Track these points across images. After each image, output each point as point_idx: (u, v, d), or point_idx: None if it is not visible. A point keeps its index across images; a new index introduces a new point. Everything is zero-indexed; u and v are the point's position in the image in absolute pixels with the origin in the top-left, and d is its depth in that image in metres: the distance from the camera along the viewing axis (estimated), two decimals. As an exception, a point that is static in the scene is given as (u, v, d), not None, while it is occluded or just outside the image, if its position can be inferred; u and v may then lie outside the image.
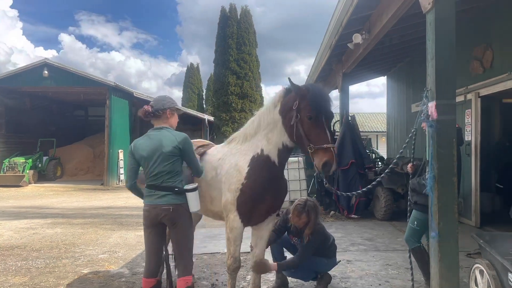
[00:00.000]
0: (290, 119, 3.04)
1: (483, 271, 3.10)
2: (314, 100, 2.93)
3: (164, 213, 2.97)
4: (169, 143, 3.01)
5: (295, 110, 3.00)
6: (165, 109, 3.13)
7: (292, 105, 3.05)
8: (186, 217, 3.05)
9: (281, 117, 3.17)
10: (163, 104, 3.14)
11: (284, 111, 3.14)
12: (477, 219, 7.21)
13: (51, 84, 18.14)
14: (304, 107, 2.95)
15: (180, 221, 3.00)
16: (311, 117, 2.92)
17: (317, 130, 2.91)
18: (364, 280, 4.45)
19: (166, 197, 2.98)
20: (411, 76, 10.86)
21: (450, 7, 3.40)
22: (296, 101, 3.01)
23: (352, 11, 6.22)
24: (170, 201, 2.97)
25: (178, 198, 3.00)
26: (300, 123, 2.96)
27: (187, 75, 44.30)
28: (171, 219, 2.98)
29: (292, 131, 3.04)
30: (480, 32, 7.15)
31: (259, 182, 3.17)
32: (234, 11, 28.94)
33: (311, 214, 3.75)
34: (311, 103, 2.92)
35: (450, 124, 3.37)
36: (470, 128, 7.33)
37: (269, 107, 3.31)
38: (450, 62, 3.40)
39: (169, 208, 2.96)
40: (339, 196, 8.80)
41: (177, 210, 2.98)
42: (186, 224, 3.05)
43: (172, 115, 3.20)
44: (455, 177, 3.35)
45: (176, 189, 2.99)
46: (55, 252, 5.88)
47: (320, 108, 2.94)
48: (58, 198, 13.37)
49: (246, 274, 4.57)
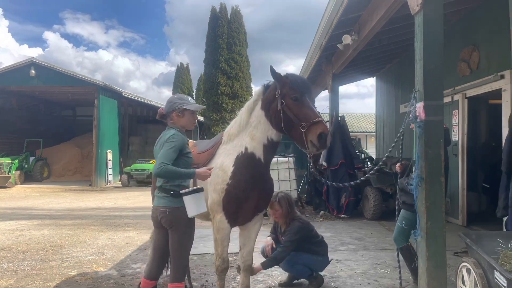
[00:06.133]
0: (275, 108, 3.11)
1: (470, 269, 3.15)
2: (296, 82, 3.06)
3: (161, 215, 2.93)
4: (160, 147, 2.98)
5: (278, 97, 3.08)
6: (171, 112, 3.07)
7: (274, 95, 3.13)
8: (183, 222, 2.92)
9: (264, 111, 3.22)
10: (170, 106, 3.08)
11: (267, 104, 3.20)
12: (464, 218, 7.31)
13: (38, 84, 17.88)
14: (287, 91, 3.05)
15: (176, 225, 2.93)
16: (297, 97, 3.02)
17: (305, 109, 2.99)
18: (353, 280, 4.48)
19: (164, 199, 2.94)
20: (400, 77, 10.98)
21: (438, 9, 3.45)
22: (278, 90, 3.10)
23: (342, 12, 6.26)
24: (167, 204, 2.92)
25: (174, 201, 2.92)
26: (287, 107, 3.03)
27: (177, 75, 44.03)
28: (168, 222, 2.93)
29: (280, 119, 3.08)
30: (467, 34, 7.26)
31: (244, 181, 3.17)
32: (224, 11, 28.87)
33: (282, 202, 3.93)
34: (293, 85, 3.04)
35: (437, 124, 3.41)
36: (457, 128, 7.44)
37: (250, 104, 3.36)
38: (438, 63, 3.44)
39: (165, 211, 2.91)
40: (329, 196, 8.86)
41: (173, 214, 2.91)
42: (181, 229, 2.94)
43: (181, 116, 3.07)
44: (442, 177, 3.39)
45: (172, 192, 2.92)
46: (42, 254, 5.79)
47: (303, 87, 3.07)
48: (45, 199, 13.16)
49: (236, 275, 4.56)
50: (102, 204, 11.86)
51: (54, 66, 18.18)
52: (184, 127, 3.12)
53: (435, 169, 3.38)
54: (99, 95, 17.99)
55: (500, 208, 4.99)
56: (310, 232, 4.14)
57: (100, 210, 10.62)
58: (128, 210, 10.43)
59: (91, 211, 10.39)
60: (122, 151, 20.89)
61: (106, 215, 9.58)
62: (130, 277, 4.67)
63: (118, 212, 10.17)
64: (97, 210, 10.50)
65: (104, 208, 11.08)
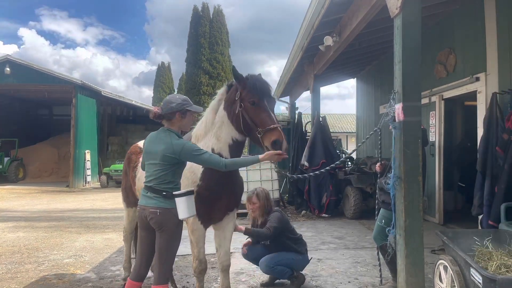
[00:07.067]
0: (234, 111, 3.09)
1: (447, 266, 3.22)
2: (254, 86, 3.01)
3: (151, 215, 2.84)
4: (162, 150, 2.85)
5: (238, 100, 3.07)
6: (174, 113, 2.96)
7: (234, 97, 3.11)
8: (173, 223, 2.87)
9: (226, 112, 3.21)
10: (171, 107, 2.96)
11: (228, 105, 3.19)
12: (440, 216, 7.49)
13: (13, 82, 17.34)
14: (246, 94, 3.02)
15: (166, 227, 2.85)
16: (254, 102, 2.99)
17: (261, 114, 2.97)
18: (334, 278, 4.53)
19: (155, 199, 2.86)
20: (379, 78, 11.17)
21: (416, 12, 3.53)
22: (238, 92, 3.08)
23: (323, 14, 6.32)
24: (158, 204, 2.85)
25: (166, 202, 2.85)
26: (245, 111, 3.01)
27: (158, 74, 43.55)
28: (157, 223, 2.85)
29: (239, 122, 3.07)
30: (444, 37, 7.45)
31: (214, 181, 3.16)
32: (206, 11, 28.74)
33: (260, 195, 4.09)
34: (251, 89, 3.00)
35: (416, 125, 3.49)
36: (434, 129, 7.62)
37: (214, 105, 3.34)
38: (416, 65, 3.52)
39: (156, 211, 2.83)
40: (310, 196, 8.93)
41: (164, 215, 2.83)
42: (171, 231, 2.88)
43: (183, 118, 3.00)
44: (420, 176, 3.47)
45: (164, 193, 2.85)
46: (17, 257, 5.61)
47: (261, 92, 3.01)
48: (20, 201, 12.77)
49: (217, 276, 4.53)
50: (80, 206, 11.60)
51: (30, 64, 17.66)
52: (182, 128, 3.07)
53: (413, 169, 3.45)
54: (77, 94, 17.58)
55: (476, 206, 5.15)
56: (289, 226, 4.24)
57: (78, 211, 10.38)
58: (107, 212, 10.22)
59: (69, 212, 10.14)
60: (101, 151, 20.46)
61: (84, 217, 9.37)
62: (109, 280, 4.58)
63: (97, 213, 9.97)
64: (75, 212, 10.26)
65: (82, 209, 10.83)
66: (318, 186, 8.80)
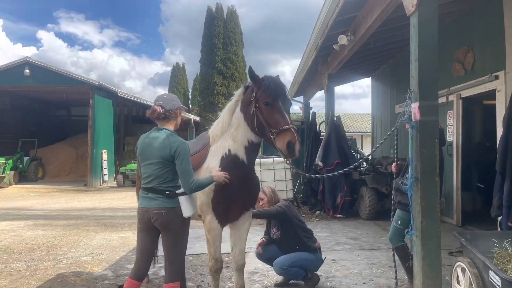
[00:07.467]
0: (250, 111, 3.11)
1: (465, 269, 3.16)
2: (269, 86, 3.03)
3: (156, 216, 2.87)
4: (160, 148, 2.88)
5: (253, 101, 3.08)
6: (175, 110, 3.03)
7: (250, 98, 3.13)
8: (179, 222, 2.92)
9: (243, 113, 3.23)
10: (174, 104, 3.02)
11: (244, 106, 3.21)
12: (458, 218, 7.35)
13: (33, 83, 17.75)
14: (261, 95, 3.04)
15: (172, 226, 2.90)
16: (268, 102, 3.00)
17: (275, 115, 2.97)
18: (349, 279, 4.49)
19: (157, 200, 2.89)
20: (395, 77, 11.02)
21: (433, 10, 3.47)
22: (254, 93, 3.10)
23: (337, 13, 6.28)
24: (162, 205, 2.88)
25: (170, 201, 2.89)
26: (260, 112, 3.03)
27: (173, 74, 43.91)
28: (163, 223, 2.88)
29: (254, 123, 3.09)
30: (462, 35, 7.30)
31: (231, 181, 3.17)
32: (220, 11, 28.86)
33: (266, 190, 4.23)
34: (266, 90, 3.02)
35: (432, 124, 3.43)
36: (452, 129, 7.48)
37: (231, 106, 3.37)
38: (433, 64, 3.46)
39: (160, 212, 2.86)
40: (324, 196, 8.88)
41: (169, 214, 2.87)
42: (178, 229, 2.93)
43: (180, 114, 3.12)
44: (437, 177, 3.41)
45: (167, 193, 2.89)
46: (37, 255, 5.75)
47: (276, 93, 3.02)
48: (39, 199, 13.08)
49: (232, 275, 4.55)
50: (97, 205, 11.81)
51: (48, 66, 18.06)
52: (177, 125, 3.13)
53: (430, 169, 3.39)
54: (94, 94, 17.89)
55: (495, 207, 5.02)
56: (296, 214, 4.29)
57: (95, 210, 10.57)
58: (123, 211, 10.38)
59: (86, 211, 10.34)
60: (118, 151, 20.78)
61: (101, 216, 9.53)
62: (126, 277, 4.64)
63: (113, 212, 10.13)
64: (92, 211, 10.45)
65: (99, 208, 11.02)
66: (333, 186, 8.74)
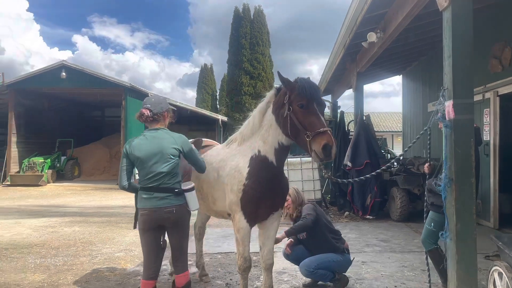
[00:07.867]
0: (283, 114, 3.09)
1: (502, 273, 3.05)
2: (303, 88, 2.98)
3: (167, 215, 2.99)
4: (168, 144, 3.04)
5: (286, 103, 3.05)
6: (163, 112, 3.17)
7: (283, 100, 3.10)
8: (187, 217, 3.17)
9: (274, 115, 3.22)
10: (161, 107, 3.16)
11: (277, 108, 3.19)
12: (495, 220, 7.06)
13: (69, 86, 18.48)
14: (295, 97, 3.00)
15: (181, 222, 3.09)
16: (303, 105, 2.96)
17: (311, 117, 2.93)
18: (379, 282, 4.41)
19: (167, 199, 3.00)
20: (428, 74, 10.69)
21: (467, 5, 3.35)
22: (287, 95, 3.07)
23: (366, 9, 6.17)
24: (172, 203, 3.01)
25: (178, 199, 3.05)
26: (294, 114, 2.99)
27: (201, 75, 44.54)
28: (175, 220, 3.02)
29: (287, 125, 3.06)
30: (498, 30, 6.99)
31: (259, 181, 3.21)
32: (247, 11, 29.01)
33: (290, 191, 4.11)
34: (301, 92, 2.97)
35: (467, 123, 3.31)
36: (489, 127, 7.19)
37: (261, 108, 3.37)
38: (468, 60, 3.34)
39: (172, 210, 2.99)
40: (354, 196, 8.74)
41: (179, 211, 3.03)
42: (186, 224, 3.17)
43: (168, 116, 3.27)
44: (473, 178, 3.29)
45: (176, 190, 3.03)
46: (73, 250, 6.01)
47: (311, 95, 2.98)
48: (75, 197, 13.63)
49: (260, 274, 4.57)
50: (130, 203, 12.15)
51: (83, 69, 18.76)
52: (166, 125, 3.27)
53: (465, 170, 3.28)
54: (126, 96, 18.42)
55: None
56: (323, 214, 4.25)
57: (128, 208, 10.89)
58: (154, 209, 10.62)
59: (119, 209, 10.68)
60: (148, 150, 21.28)
61: (133, 213, 9.79)
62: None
63: (145, 210, 10.39)
64: (125, 208, 10.78)
65: (131, 206, 11.30)
66: (362, 186, 8.58)
